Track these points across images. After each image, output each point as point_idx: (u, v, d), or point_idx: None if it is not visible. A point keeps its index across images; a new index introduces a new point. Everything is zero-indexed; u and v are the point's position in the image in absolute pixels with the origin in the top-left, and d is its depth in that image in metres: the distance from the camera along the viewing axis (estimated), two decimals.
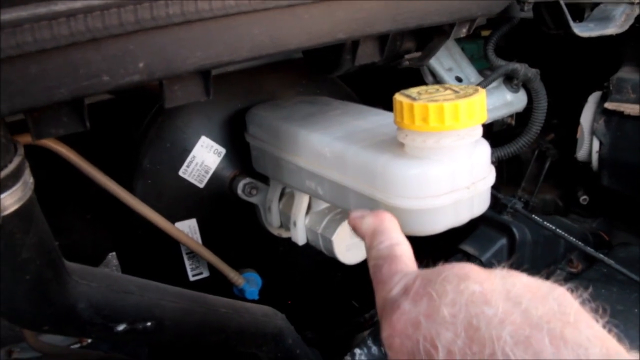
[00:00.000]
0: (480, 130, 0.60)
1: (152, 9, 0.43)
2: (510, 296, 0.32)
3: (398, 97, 0.58)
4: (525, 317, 0.30)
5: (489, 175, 0.63)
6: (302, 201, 0.84)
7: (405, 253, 0.43)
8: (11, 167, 0.45)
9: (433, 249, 1.09)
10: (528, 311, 0.31)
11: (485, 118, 0.58)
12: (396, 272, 0.40)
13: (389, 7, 0.58)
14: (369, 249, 0.46)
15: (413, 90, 0.59)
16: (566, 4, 0.88)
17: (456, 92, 0.57)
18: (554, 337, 0.29)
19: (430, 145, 0.57)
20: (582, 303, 0.32)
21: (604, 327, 0.31)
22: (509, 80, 1.04)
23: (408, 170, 0.59)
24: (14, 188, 0.45)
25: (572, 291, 0.33)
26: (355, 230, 0.49)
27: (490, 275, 0.34)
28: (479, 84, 1.00)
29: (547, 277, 0.34)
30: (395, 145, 0.62)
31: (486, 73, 1.05)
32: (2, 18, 0.37)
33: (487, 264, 0.99)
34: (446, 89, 0.59)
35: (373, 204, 0.64)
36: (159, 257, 0.92)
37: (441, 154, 0.58)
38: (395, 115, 0.58)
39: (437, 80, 1.01)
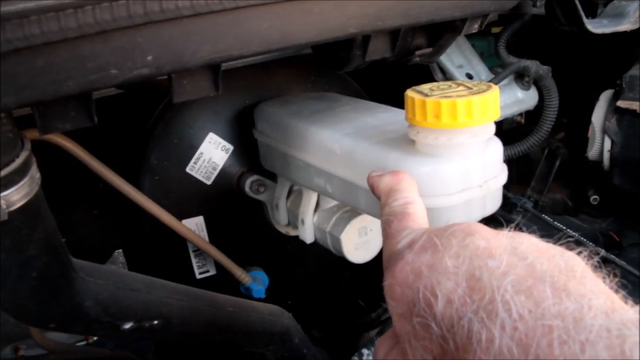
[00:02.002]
0: (493, 128, 0.59)
1: (162, 2, 0.42)
2: (516, 252, 0.32)
3: (410, 93, 0.57)
4: (530, 270, 0.30)
5: (502, 174, 0.62)
6: (311, 199, 0.83)
7: (418, 212, 0.43)
8: (18, 162, 0.44)
9: None
10: (533, 265, 0.30)
11: (498, 115, 0.57)
12: (405, 227, 0.40)
13: (401, 1, 0.57)
14: (383, 206, 0.46)
15: (425, 87, 0.58)
16: (579, 0, 0.86)
17: (469, 88, 0.56)
18: (557, 288, 0.28)
19: (443, 143, 0.56)
20: (593, 268, 0.31)
21: (611, 288, 0.30)
22: (520, 77, 1.02)
23: (420, 167, 0.58)
24: (20, 183, 0.44)
25: (583, 256, 0.32)
26: (373, 189, 0.49)
27: (498, 234, 0.34)
28: (490, 81, 0.99)
29: None
30: (406, 142, 0.61)
31: (497, 70, 1.04)
32: (9, 9, 0.36)
33: None
34: (458, 85, 0.58)
35: None
36: (165, 254, 0.91)
37: (453, 151, 0.57)
38: (407, 111, 0.57)
39: (447, 77, 1.00)
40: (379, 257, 0.85)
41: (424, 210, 0.44)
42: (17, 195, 0.44)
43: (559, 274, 0.29)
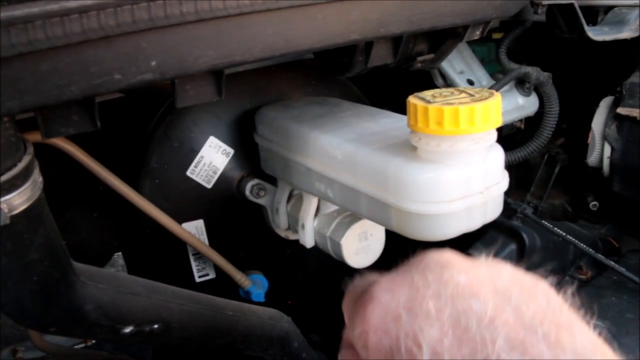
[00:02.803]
0: (495, 135, 0.59)
1: (166, 7, 0.42)
2: (498, 289, 0.30)
3: (412, 99, 0.57)
4: (517, 316, 0.28)
5: (503, 180, 0.63)
6: (311, 203, 0.83)
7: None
8: (21, 166, 0.44)
9: None
10: (519, 309, 0.29)
11: (500, 122, 0.57)
12: (363, 278, 0.36)
13: (404, 8, 0.57)
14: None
15: (427, 93, 0.58)
16: (580, 7, 0.87)
17: (471, 95, 0.56)
18: (550, 343, 0.27)
19: (445, 149, 0.56)
20: (567, 301, 0.30)
21: (593, 330, 0.29)
22: (521, 83, 1.03)
23: (421, 174, 0.58)
24: (23, 187, 0.44)
25: (554, 287, 0.31)
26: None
27: (474, 264, 0.32)
28: (491, 87, 0.99)
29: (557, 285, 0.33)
30: (407, 148, 0.61)
31: (498, 76, 1.04)
32: (13, 14, 0.36)
33: None
34: (461, 92, 0.58)
35: (384, 208, 0.63)
36: (165, 257, 0.91)
37: (455, 158, 0.57)
38: (409, 118, 0.57)
39: (448, 83, 1.01)
40: (379, 262, 0.85)
41: None
42: (19, 200, 0.44)
43: (547, 321, 0.28)
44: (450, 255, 0.32)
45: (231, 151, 0.90)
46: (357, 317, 0.32)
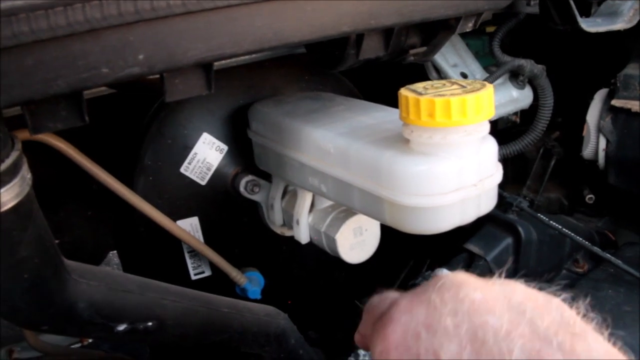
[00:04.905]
0: (487, 127, 0.59)
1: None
2: (512, 304, 0.31)
3: (404, 92, 0.57)
4: (532, 329, 0.29)
5: (497, 173, 0.62)
6: (305, 199, 0.83)
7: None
8: (8, 162, 0.43)
9: (437, 248, 1.08)
10: (533, 322, 0.29)
11: (493, 113, 0.57)
12: (382, 294, 0.38)
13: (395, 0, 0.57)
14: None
15: (419, 85, 0.58)
16: None
17: (463, 87, 0.56)
18: (565, 352, 0.28)
19: (437, 142, 0.56)
20: (581, 314, 0.31)
21: (608, 339, 0.30)
22: (515, 76, 1.02)
23: (414, 166, 0.57)
24: (11, 184, 0.44)
25: (568, 303, 0.32)
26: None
27: (487, 283, 0.33)
28: (485, 80, 0.99)
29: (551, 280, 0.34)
30: (400, 141, 0.61)
31: (491, 69, 1.04)
32: None
33: (493, 263, 0.98)
34: (453, 83, 0.58)
35: (378, 202, 0.62)
36: (160, 255, 0.91)
37: (448, 150, 0.57)
38: (401, 110, 0.57)
39: (442, 76, 1.00)
40: (375, 257, 0.85)
41: None
42: (7, 196, 0.44)
43: (562, 332, 0.29)
44: (464, 276, 0.34)
45: (225, 147, 0.90)
46: (377, 337, 0.33)
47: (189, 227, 0.90)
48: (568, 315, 0.30)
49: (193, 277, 0.93)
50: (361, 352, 0.91)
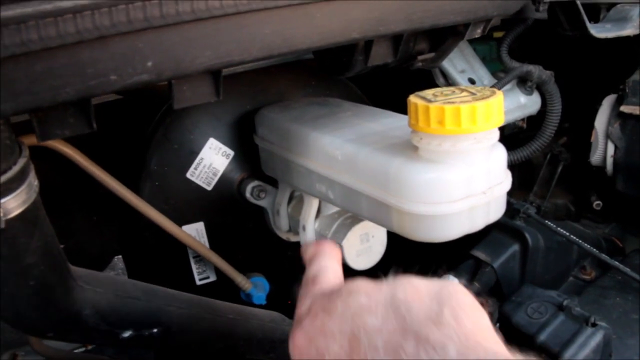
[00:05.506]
0: (497, 134, 0.58)
1: (162, 7, 0.41)
2: (392, 302, 0.34)
3: (413, 99, 0.56)
4: (400, 323, 0.33)
5: (506, 180, 0.62)
6: (312, 205, 0.83)
7: (327, 277, 0.44)
8: (15, 169, 0.43)
9: (444, 255, 1.07)
10: (403, 316, 0.33)
11: (502, 121, 0.56)
12: (308, 292, 0.43)
13: (404, 6, 0.56)
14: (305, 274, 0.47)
15: (428, 92, 0.57)
16: (582, 5, 0.86)
17: (473, 94, 0.56)
18: (420, 340, 0.31)
19: (446, 149, 0.56)
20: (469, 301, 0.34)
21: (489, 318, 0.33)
22: (523, 82, 1.02)
23: (423, 174, 0.57)
24: (18, 191, 0.44)
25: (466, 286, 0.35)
26: (304, 261, 0.50)
27: (379, 285, 0.36)
28: (492, 86, 0.98)
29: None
30: (409, 148, 0.60)
31: (499, 75, 1.03)
32: (7, 15, 0.36)
33: (500, 270, 0.97)
34: (462, 90, 0.57)
35: (385, 209, 0.62)
36: (165, 260, 0.91)
37: (457, 157, 0.56)
38: (410, 117, 0.56)
39: (449, 82, 1.00)
40: (381, 264, 0.84)
41: (336, 275, 0.45)
42: (14, 203, 0.44)
43: (427, 322, 0.32)
44: (359, 282, 0.37)
45: (231, 153, 0.89)
46: (290, 337, 0.39)
47: (195, 233, 0.90)
48: (444, 304, 0.33)
49: (198, 282, 0.93)
50: None
